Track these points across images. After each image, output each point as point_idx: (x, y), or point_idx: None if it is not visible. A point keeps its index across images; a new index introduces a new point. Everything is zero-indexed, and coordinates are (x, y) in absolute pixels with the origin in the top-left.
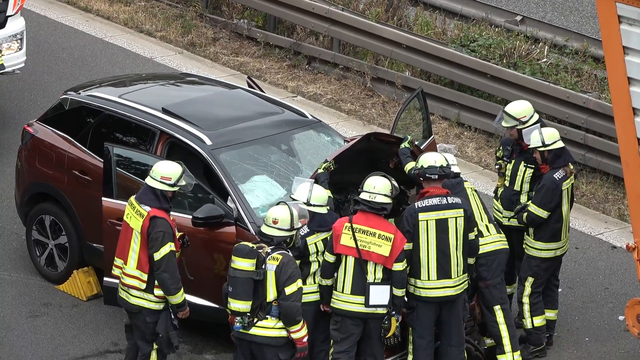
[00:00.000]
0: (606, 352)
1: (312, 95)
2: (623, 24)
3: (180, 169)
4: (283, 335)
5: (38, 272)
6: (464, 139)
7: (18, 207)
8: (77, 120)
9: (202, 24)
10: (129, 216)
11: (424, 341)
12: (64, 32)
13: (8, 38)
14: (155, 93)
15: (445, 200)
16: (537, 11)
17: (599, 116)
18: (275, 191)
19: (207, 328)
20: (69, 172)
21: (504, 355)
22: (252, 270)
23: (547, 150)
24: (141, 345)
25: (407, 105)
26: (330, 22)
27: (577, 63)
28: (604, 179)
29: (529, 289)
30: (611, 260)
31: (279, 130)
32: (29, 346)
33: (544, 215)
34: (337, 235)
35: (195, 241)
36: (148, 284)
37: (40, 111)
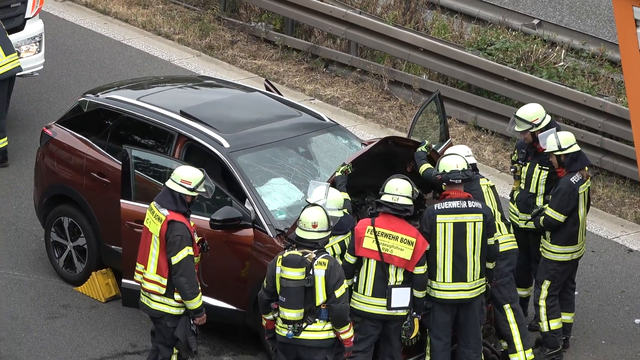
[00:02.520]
0: (622, 355)
1: (329, 98)
2: None
3: (201, 176)
4: (332, 337)
5: (57, 274)
6: (480, 142)
7: (37, 208)
8: (96, 122)
9: (219, 27)
10: (148, 221)
11: (440, 343)
12: (82, 34)
13: (27, 40)
14: (173, 96)
15: (465, 204)
16: (554, 15)
17: (616, 120)
18: (293, 194)
19: (225, 329)
20: (87, 174)
21: (516, 354)
22: (303, 278)
23: (564, 154)
24: (162, 349)
25: (424, 108)
26: (347, 25)
27: (594, 67)
28: (621, 182)
29: (546, 292)
30: (627, 263)
31: (297, 133)
32: (47, 347)
33: (560, 219)
34: (360, 238)
35: (213, 243)
36: (168, 288)
37: (58, 113)
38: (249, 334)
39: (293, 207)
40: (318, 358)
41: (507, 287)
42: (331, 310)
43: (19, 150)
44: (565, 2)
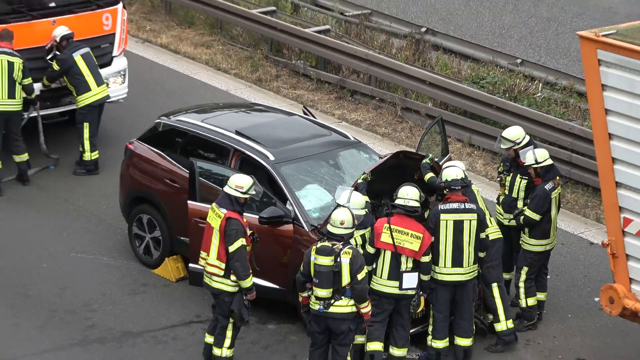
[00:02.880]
0: (584, 326)
1: (354, 121)
2: (602, 66)
3: (251, 181)
4: (354, 311)
5: (137, 259)
6: (474, 157)
7: (122, 208)
8: (168, 139)
9: (267, 64)
10: (210, 218)
11: (441, 315)
12: (157, 69)
13: (114, 74)
14: (229, 118)
15: (464, 206)
16: (534, 55)
17: (582, 140)
18: (324, 197)
19: (271, 303)
20: (161, 180)
21: (500, 323)
22: (332, 264)
23: (540, 167)
24: (220, 319)
25: (429, 129)
26: (368, 63)
27: (565, 97)
28: (585, 189)
29: (524, 275)
30: (589, 253)
31: (328, 149)
32: (130, 317)
33: (537, 218)
34: (378, 233)
35: (262, 236)
36: (225, 271)
37: (139, 132)
38: (289, 307)
39: (324, 207)
40: (343, 327)
41: (495, 268)
42: (354, 290)
43: (107, 161)
44: (542, 45)
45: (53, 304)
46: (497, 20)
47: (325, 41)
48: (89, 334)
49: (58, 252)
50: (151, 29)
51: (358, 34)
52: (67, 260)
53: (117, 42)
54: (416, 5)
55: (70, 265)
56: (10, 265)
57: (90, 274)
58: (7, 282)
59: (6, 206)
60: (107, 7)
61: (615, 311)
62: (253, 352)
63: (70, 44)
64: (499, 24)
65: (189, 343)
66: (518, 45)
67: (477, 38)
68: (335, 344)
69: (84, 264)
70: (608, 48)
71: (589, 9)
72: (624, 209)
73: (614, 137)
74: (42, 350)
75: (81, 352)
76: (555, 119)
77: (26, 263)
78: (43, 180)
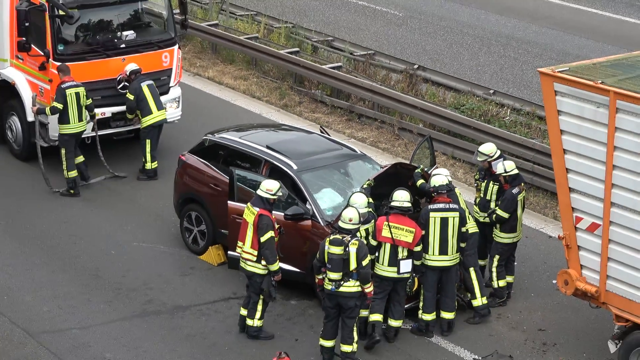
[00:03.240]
0: (544, 303)
1: (360, 138)
2: (558, 96)
3: (279, 185)
4: (359, 290)
5: (187, 247)
6: (456, 167)
7: (175, 206)
8: (213, 152)
9: (292, 93)
10: (246, 214)
11: (430, 294)
12: (205, 97)
13: (170, 100)
14: (262, 136)
15: (448, 206)
16: (503, 87)
17: (542, 154)
18: (336, 198)
19: (292, 283)
20: (207, 185)
21: (476, 299)
22: (342, 253)
23: (508, 175)
24: (252, 296)
25: (420, 145)
26: (372, 93)
27: (528, 120)
28: (545, 193)
29: (496, 262)
30: (548, 245)
31: (339, 160)
32: (181, 294)
33: (506, 216)
34: (380, 229)
35: (286, 229)
36: (257, 257)
37: (189, 146)
38: (307, 287)
39: (336, 207)
40: (350, 303)
41: (473, 256)
42: (359, 273)
43: (164, 169)
44: (510, 79)
45: (118, 283)
46: (474, 59)
47: (338, 75)
48: (147, 308)
49: (123, 242)
50: (200, 65)
51: (364, 70)
52: (130, 248)
53: (173, 75)
54: (410, 48)
55: (133, 252)
56: (85, 252)
57: (148, 259)
58: (82, 266)
59: (83, 205)
60: (166, 48)
61: (569, 291)
62: (278, 323)
63: (137, 77)
64: (476, 62)
65: (227, 315)
66: (491, 79)
67: (458, 73)
68: (344, 317)
69: (143, 251)
70: (562, 81)
71: (546, 51)
72: (576, 209)
73: (568, 152)
74: (109, 321)
75: (141, 322)
76: (520, 137)
77: (98, 250)
78: (113, 184)
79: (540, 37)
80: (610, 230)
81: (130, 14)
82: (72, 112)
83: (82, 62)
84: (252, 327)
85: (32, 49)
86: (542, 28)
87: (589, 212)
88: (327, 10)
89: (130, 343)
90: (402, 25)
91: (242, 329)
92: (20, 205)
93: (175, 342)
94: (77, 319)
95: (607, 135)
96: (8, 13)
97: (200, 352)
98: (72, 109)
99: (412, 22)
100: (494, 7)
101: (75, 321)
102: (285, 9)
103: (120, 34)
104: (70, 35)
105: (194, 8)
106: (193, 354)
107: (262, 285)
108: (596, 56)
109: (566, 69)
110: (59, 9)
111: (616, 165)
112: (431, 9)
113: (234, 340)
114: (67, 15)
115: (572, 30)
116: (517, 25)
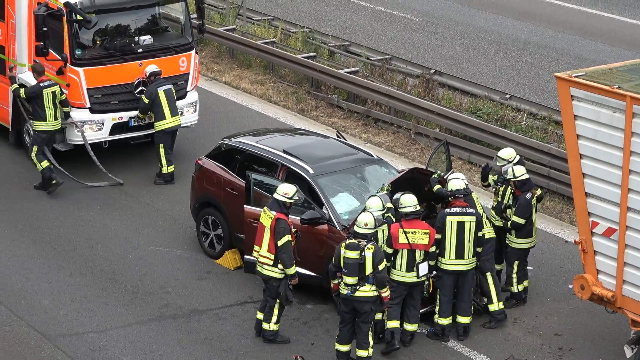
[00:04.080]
0: (560, 308)
1: (377, 143)
2: (574, 100)
3: (295, 189)
4: (376, 295)
5: (203, 251)
6: (472, 172)
7: (192, 210)
8: (229, 156)
9: (308, 97)
10: (263, 218)
11: (446, 298)
12: (221, 101)
13: (187, 105)
14: (278, 140)
15: (465, 210)
16: (520, 91)
17: (558, 159)
18: (353, 203)
19: (309, 288)
20: (223, 189)
21: (493, 304)
22: (358, 258)
23: (518, 180)
24: (269, 300)
25: (436, 150)
26: (389, 97)
27: (544, 125)
28: (561, 198)
29: (516, 268)
30: (564, 249)
31: (356, 164)
32: (197, 297)
33: (522, 222)
34: (395, 237)
35: (302, 234)
36: (274, 261)
37: (206, 151)
38: (323, 291)
39: (353, 211)
40: (366, 308)
41: (490, 261)
42: (375, 278)
43: (181, 173)
44: (527, 84)
45: (135, 287)
46: (491, 64)
47: (354, 80)
48: (164, 311)
49: (140, 246)
50: (217, 70)
51: (381, 74)
52: (147, 252)
53: (190, 80)
54: (427, 52)
55: (149, 256)
56: (102, 256)
57: (165, 263)
58: (99, 270)
59: (100, 209)
60: (183, 53)
61: (585, 296)
62: (295, 327)
63: (156, 79)
64: (492, 67)
65: (244, 319)
66: (507, 84)
67: (475, 78)
68: (360, 321)
69: (160, 255)
70: (579, 86)
71: (563, 56)
72: (592, 214)
73: (584, 157)
74: (126, 324)
75: (157, 325)
76: (537, 142)
77: (115, 254)
78: (130, 188)
79: (556, 42)
80: (627, 235)
81: (148, 19)
82: (48, 110)
83: (100, 66)
84: (268, 331)
85: (49, 54)
86: (558, 33)
87: (605, 217)
88: (343, 15)
89: (146, 346)
90: (418, 30)
91: (259, 333)
92: (37, 209)
93: (192, 346)
94: (94, 323)
95: (623, 140)
96: (26, 18)
97: (216, 356)
98: (49, 107)
99: (429, 27)
100: (510, 12)
101: (92, 325)
102: (302, 14)
103: (137, 39)
104: (87, 39)
105: (211, 13)
106: (209, 357)
107: (279, 289)
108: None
109: (583, 74)
110: (76, 14)
111: (632, 170)
112: (448, 14)
113: (250, 344)
114: (84, 20)
115: (588, 35)
116: (533, 30)
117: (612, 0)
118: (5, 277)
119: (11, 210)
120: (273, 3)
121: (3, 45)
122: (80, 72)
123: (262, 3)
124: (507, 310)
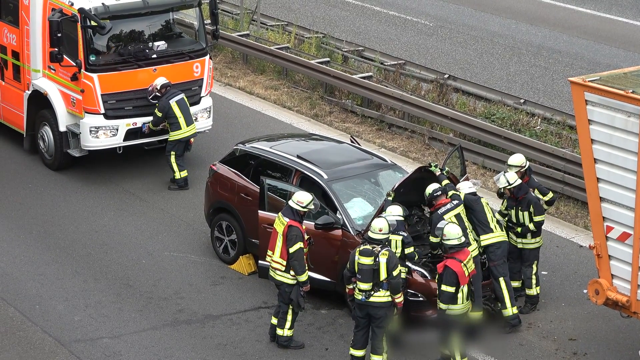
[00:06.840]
0: (575, 312)
1: (390, 148)
2: (588, 105)
3: (310, 198)
4: (390, 300)
5: (218, 257)
6: (486, 177)
7: (206, 216)
8: (244, 162)
9: (322, 103)
10: (276, 224)
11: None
12: (235, 106)
13: (201, 110)
14: (292, 145)
15: (452, 204)
16: (534, 96)
17: (572, 163)
18: (367, 208)
19: (323, 293)
20: (237, 194)
21: (507, 309)
22: (372, 263)
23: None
24: (282, 306)
25: (450, 155)
26: (403, 102)
27: (558, 129)
28: (575, 203)
29: (535, 268)
30: (579, 254)
31: (370, 170)
32: (212, 303)
33: (543, 218)
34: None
35: (316, 239)
36: (286, 267)
37: (220, 156)
38: (337, 296)
39: (367, 216)
40: (380, 313)
41: (502, 265)
42: (390, 283)
43: (195, 179)
44: (541, 88)
45: (150, 293)
46: (505, 69)
47: (368, 85)
48: (178, 317)
49: (155, 251)
50: (231, 75)
51: (394, 79)
52: (161, 257)
53: (204, 86)
54: (441, 57)
55: (164, 261)
56: (117, 261)
57: (179, 268)
58: (113, 275)
59: (114, 215)
60: (197, 58)
61: (600, 301)
62: (309, 332)
63: (168, 91)
64: (506, 72)
65: (258, 324)
66: (521, 89)
67: (489, 83)
68: (374, 326)
69: (175, 260)
70: (593, 91)
71: (577, 61)
72: (607, 218)
73: (599, 162)
74: (140, 330)
75: (172, 331)
76: (551, 147)
77: (129, 260)
78: (144, 194)
79: (571, 47)
80: None
81: (162, 25)
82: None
83: (114, 72)
84: (282, 336)
85: (64, 60)
86: (572, 37)
87: (619, 222)
88: (357, 20)
89: (161, 352)
90: (432, 35)
91: (273, 338)
92: (51, 215)
93: (206, 351)
94: (109, 328)
95: (638, 144)
96: (41, 24)
97: None
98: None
99: (443, 32)
100: (524, 17)
101: (106, 330)
102: (316, 19)
103: (151, 45)
104: (102, 45)
105: (225, 18)
106: None
107: (291, 296)
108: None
109: (597, 79)
110: (91, 20)
111: None
112: (462, 19)
113: (265, 349)
114: (99, 26)
115: (602, 39)
116: (547, 34)
117: (626, 5)
118: (20, 283)
119: (26, 216)
120: (287, 8)
121: (17, 51)
122: (95, 77)
123: (276, 8)
124: (521, 315)
